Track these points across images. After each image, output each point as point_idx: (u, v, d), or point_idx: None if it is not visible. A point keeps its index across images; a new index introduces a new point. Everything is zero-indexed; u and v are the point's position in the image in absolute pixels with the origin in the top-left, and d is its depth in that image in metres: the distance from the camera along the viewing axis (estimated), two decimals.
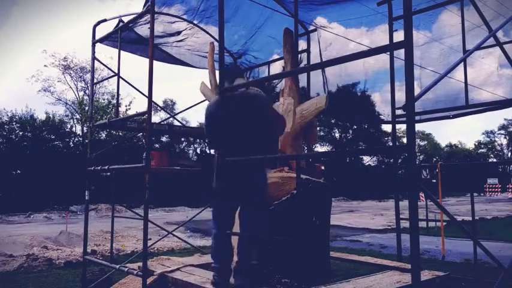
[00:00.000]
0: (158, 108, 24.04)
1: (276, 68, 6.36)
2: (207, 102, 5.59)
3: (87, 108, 26.70)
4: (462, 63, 4.59)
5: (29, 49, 58.76)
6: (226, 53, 6.55)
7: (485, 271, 5.36)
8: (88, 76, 28.40)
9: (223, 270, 3.54)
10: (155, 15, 4.64)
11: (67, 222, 11.97)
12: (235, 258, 3.58)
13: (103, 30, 5.50)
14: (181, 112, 17.09)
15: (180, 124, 9.87)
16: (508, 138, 59.83)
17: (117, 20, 5.36)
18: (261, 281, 3.60)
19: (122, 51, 5.23)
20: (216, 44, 5.39)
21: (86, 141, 22.59)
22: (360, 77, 6.04)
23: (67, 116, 29.96)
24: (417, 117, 5.47)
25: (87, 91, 29.29)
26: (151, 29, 4.39)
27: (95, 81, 6.32)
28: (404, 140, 2.55)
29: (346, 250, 7.24)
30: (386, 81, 5.27)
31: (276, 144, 3.91)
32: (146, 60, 4.43)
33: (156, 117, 30.06)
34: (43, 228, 13.34)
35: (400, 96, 4.94)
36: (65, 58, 29.57)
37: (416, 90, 2.79)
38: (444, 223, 8.44)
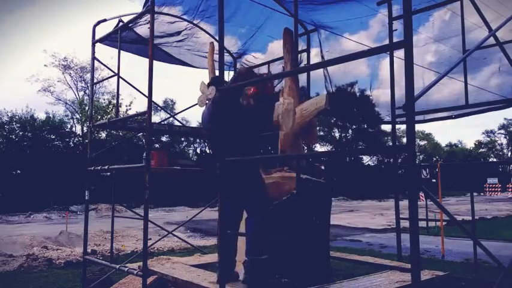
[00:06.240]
0: (158, 108, 24.09)
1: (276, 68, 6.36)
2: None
3: (87, 108, 26.70)
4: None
5: (29, 49, 58.77)
6: (226, 52, 6.55)
7: (485, 271, 5.35)
8: (88, 76, 28.41)
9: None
10: (155, 15, 4.64)
11: (67, 222, 11.96)
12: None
13: (103, 30, 5.50)
14: (181, 112, 17.07)
15: (180, 124, 9.88)
16: (508, 138, 59.82)
17: (117, 20, 5.37)
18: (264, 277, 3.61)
19: (122, 51, 5.23)
20: (216, 44, 5.39)
21: (86, 141, 22.57)
22: (360, 77, 6.05)
23: (67, 116, 30.02)
24: (421, 118, 5.48)
25: (87, 91, 29.30)
26: (151, 29, 4.39)
27: (95, 81, 6.32)
28: (404, 140, 2.55)
29: (346, 250, 7.23)
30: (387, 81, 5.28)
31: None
32: (146, 60, 4.43)
33: (156, 117, 30.06)
34: (43, 228, 13.34)
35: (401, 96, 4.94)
36: (65, 58, 29.64)
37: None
38: (444, 223, 8.44)
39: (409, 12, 2.23)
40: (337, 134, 43.46)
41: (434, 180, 9.96)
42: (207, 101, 3.76)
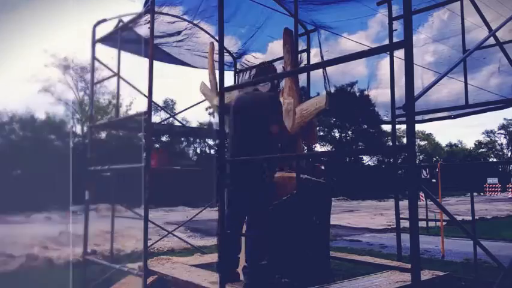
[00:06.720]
0: (158, 108, 24.08)
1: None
2: (207, 102, 5.60)
3: (87, 108, 26.71)
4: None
5: (30, 49, 58.70)
6: (226, 52, 6.55)
7: (485, 271, 5.35)
8: (88, 76, 28.39)
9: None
10: (155, 15, 4.64)
11: (67, 222, 11.95)
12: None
13: (103, 30, 5.50)
14: (181, 112, 17.07)
15: (180, 124, 9.88)
16: (508, 138, 59.80)
17: (117, 20, 5.37)
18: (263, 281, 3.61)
19: (121, 51, 5.23)
20: (216, 43, 5.39)
21: (86, 141, 22.58)
22: (360, 77, 6.06)
23: (67, 116, 30.04)
24: (420, 118, 5.49)
25: (87, 91, 29.31)
26: (151, 29, 4.40)
27: (95, 81, 6.32)
28: (404, 140, 2.56)
29: (346, 250, 7.23)
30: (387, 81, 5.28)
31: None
32: (146, 60, 4.44)
33: (156, 117, 30.00)
34: (43, 228, 13.33)
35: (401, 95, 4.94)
36: (65, 58, 29.65)
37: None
38: (444, 223, 8.44)
39: (409, 12, 2.23)
40: (337, 134, 43.46)
41: (434, 180, 9.96)
42: (232, 103, 3.85)
